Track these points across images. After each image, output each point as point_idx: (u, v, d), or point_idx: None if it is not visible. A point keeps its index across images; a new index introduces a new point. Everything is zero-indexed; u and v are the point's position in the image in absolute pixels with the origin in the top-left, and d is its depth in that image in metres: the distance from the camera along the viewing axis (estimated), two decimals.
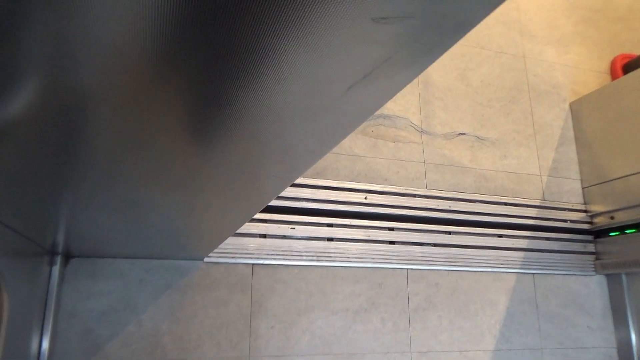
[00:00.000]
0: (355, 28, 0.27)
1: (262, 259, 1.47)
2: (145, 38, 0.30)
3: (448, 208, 1.74)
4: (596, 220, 1.90)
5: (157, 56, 0.33)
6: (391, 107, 1.78)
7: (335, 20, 0.27)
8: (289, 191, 1.56)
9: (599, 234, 1.90)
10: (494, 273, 1.74)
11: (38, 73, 0.35)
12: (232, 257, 1.45)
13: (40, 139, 0.48)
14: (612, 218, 1.83)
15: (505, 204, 1.82)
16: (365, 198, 1.64)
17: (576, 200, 1.94)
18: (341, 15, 0.26)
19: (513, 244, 1.78)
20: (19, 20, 0.28)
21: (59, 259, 1.25)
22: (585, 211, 1.93)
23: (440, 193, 1.75)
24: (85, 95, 0.39)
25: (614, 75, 2.15)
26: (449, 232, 1.72)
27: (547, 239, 1.84)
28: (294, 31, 0.28)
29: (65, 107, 0.40)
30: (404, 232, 1.66)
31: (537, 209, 1.86)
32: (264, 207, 0.79)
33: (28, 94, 0.38)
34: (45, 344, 1.18)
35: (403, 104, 1.81)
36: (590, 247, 1.90)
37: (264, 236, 1.50)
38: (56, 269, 1.24)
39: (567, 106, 2.06)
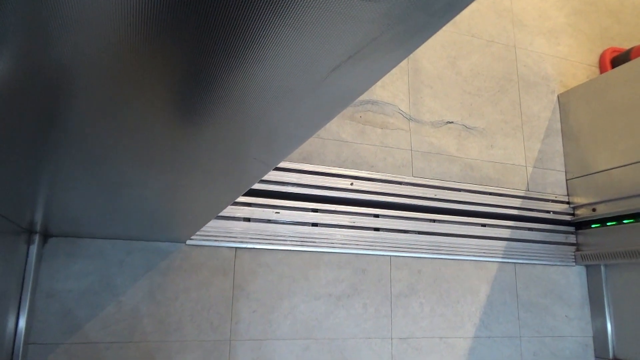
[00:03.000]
0: (340, 5, 0.26)
1: (246, 242, 1.46)
2: (128, 19, 0.29)
3: (433, 196, 1.74)
4: (578, 212, 1.92)
5: (139, 37, 0.31)
6: (380, 93, 1.77)
7: None
8: (275, 175, 1.54)
9: (580, 225, 1.93)
10: (477, 262, 1.75)
11: (15, 50, 0.33)
12: (216, 240, 1.43)
13: (18, 117, 0.46)
14: (593, 210, 1.85)
15: (490, 193, 1.83)
16: (351, 184, 1.63)
17: (560, 192, 1.96)
18: None
19: (496, 234, 1.80)
20: None
21: (37, 238, 1.23)
22: (568, 203, 1.95)
23: (426, 181, 1.75)
24: (64, 73, 0.37)
25: (602, 69, 2.15)
26: (434, 220, 1.72)
27: (530, 229, 1.86)
28: (276, 6, 0.26)
29: (43, 84, 0.39)
30: (388, 220, 1.66)
31: (521, 200, 1.87)
32: (247, 190, 0.78)
33: (5, 70, 0.36)
34: (22, 323, 1.16)
35: (392, 90, 1.79)
36: (572, 239, 1.92)
37: (248, 220, 1.49)
38: (34, 248, 1.21)
39: (555, 98, 2.07)
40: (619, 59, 2.11)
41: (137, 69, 0.37)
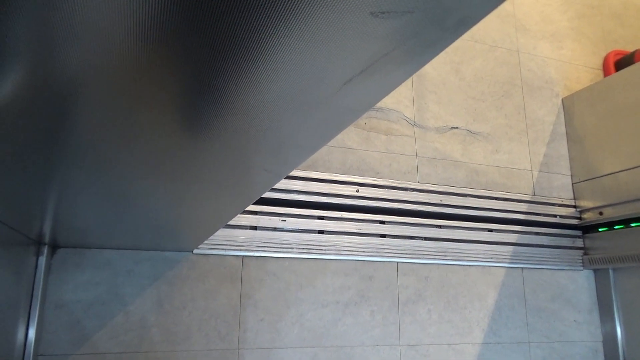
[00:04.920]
0: (353, 22, 0.26)
1: (253, 251, 1.47)
2: (135, 29, 0.29)
3: (439, 202, 1.74)
4: (585, 215, 1.91)
5: (147, 47, 0.31)
6: (384, 99, 1.77)
7: (333, 14, 0.25)
8: (280, 183, 1.54)
9: (587, 229, 1.92)
10: (484, 267, 1.75)
11: (23, 64, 0.34)
12: (222, 249, 1.44)
13: (26, 129, 0.46)
14: (600, 214, 1.85)
15: (496, 198, 1.83)
16: (357, 191, 1.63)
17: (566, 196, 1.95)
18: (339, 9, 0.25)
19: (503, 239, 1.79)
20: (4, 10, 0.26)
21: (45, 249, 1.23)
22: (574, 206, 1.94)
23: (432, 187, 1.75)
24: (73, 85, 0.37)
25: (606, 72, 2.15)
26: (440, 226, 1.72)
27: (537, 233, 1.85)
28: (289, 24, 0.27)
29: (52, 96, 0.39)
30: (395, 226, 1.66)
31: (527, 204, 1.86)
32: (255, 200, 0.78)
33: (14, 83, 0.37)
34: (32, 334, 1.17)
35: (396, 96, 1.79)
36: (579, 243, 1.91)
37: (255, 228, 1.49)
38: (43, 260, 1.22)
39: (559, 102, 2.06)
40: (623, 61, 2.11)
41: (144, 81, 0.37)
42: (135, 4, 0.26)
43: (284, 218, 1.52)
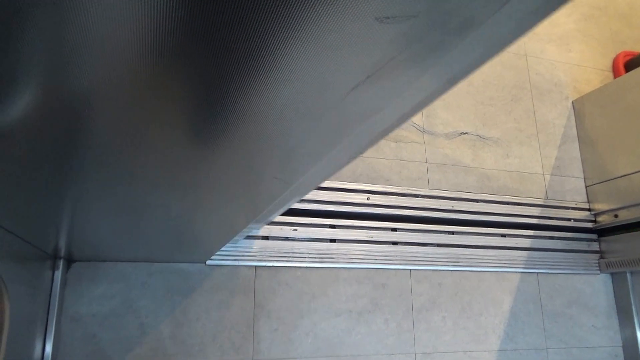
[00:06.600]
0: (358, 28, 0.27)
1: (265, 261, 1.47)
2: (146, 45, 0.30)
3: (451, 208, 1.73)
4: (600, 218, 1.89)
5: (158, 61, 0.32)
6: None
7: (339, 21, 0.26)
8: None
9: (603, 232, 1.89)
10: (498, 273, 1.73)
11: (38, 78, 0.34)
12: (235, 260, 1.44)
13: (41, 143, 0.47)
14: (616, 216, 1.82)
15: (508, 203, 1.81)
16: (368, 199, 1.63)
17: (580, 199, 1.93)
18: (344, 15, 0.26)
19: (516, 244, 1.77)
20: (17, 27, 0.27)
21: (61, 263, 1.25)
22: (589, 209, 1.92)
23: (443, 193, 1.74)
24: (86, 100, 0.38)
25: (616, 73, 2.14)
26: (452, 232, 1.71)
27: (551, 238, 1.83)
28: (296, 32, 0.27)
29: (66, 111, 0.40)
30: (406, 233, 1.65)
31: (540, 208, 1.85)
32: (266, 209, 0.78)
33: (29, 98, 0.38)
34: (49, 349, 1.18)
35: None
36: (595, 246, 1.89)
37: (267, 238, 1.49)
38: (58, 274, 1.23)
39: (569, 104, 2.05)
40: (633, 62, 2.09)
41: (155, 94, 0.38)
42: (146, 20, 0.27)
43: (295, 227, 1.53)
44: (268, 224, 1.50)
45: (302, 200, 1.56)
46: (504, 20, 0.26)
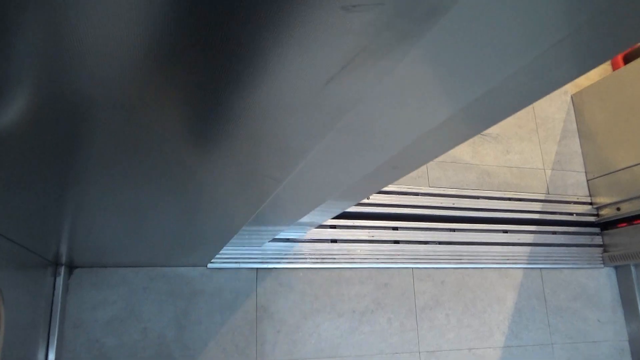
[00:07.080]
0: (326, 18, 0.27)
1: (266, 263, 1.47)
2: (144, 47, 0.30)
3: (452, 205, 1.73)
4: (602, 212, 1.88)
5: (155, 65, 0.32)
6: None
7: (305, 10, 0.26)
8: None
9: (605, 225, 1.88)
10: (501, 269, 1.72)
11: (33, 80, 0.35)
12: (236, 262, 1.45)
13: (38, 148, 0.48)
14: (618, 209, 1.81)
15: (510, 199, 1.81)
16: (368, 198, 1.63)
17: (581, 193, 1.92)
18: (310, 5, 0.26)
19: (519, 239, 1.77)
20: (10, 29, 0.28)
21: (62, 270, 1.26)
22: (591, 203, 1.91)
23: (443, 190, 1.74)
24: (82, 102, 0.39)
25: (615, 66, 2.13)
26: (454, 230, 1.71)
27: (554, 232, 1.82)
28: (264, 24, 0.28)
29: (63, 114, 0.40)
30: (408, 231, 1.65)
31: (542, 203, 1.84)
32: (261, 207, 0.79)
33: (25, 102, 0.38)
34: (52, 356, 1.18)
35: None
36: (598, 240, 1.88)
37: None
38: (60, 280, 1.24)
39: (568, 98, 2.05)
40: (632, 54, 2.08)
41: (153, 96, 0.38)
42: (144, 23, 0.27)
43: None
44: None
45: None
46: (469, 8, 0.26)
